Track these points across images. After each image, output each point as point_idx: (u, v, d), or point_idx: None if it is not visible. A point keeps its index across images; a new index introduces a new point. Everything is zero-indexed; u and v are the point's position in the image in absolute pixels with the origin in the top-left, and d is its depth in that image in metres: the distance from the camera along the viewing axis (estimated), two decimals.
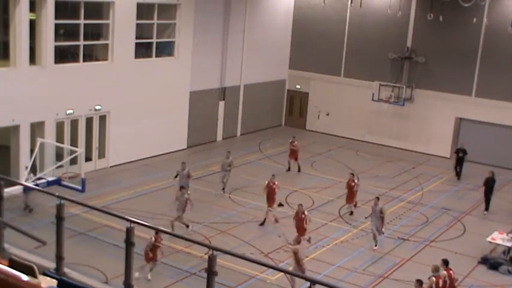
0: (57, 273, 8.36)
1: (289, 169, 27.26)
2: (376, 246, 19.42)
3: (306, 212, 18.99)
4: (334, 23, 33.84)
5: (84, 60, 24.36)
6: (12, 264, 6.64)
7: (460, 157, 27.49)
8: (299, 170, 27.24)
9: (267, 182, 21.17)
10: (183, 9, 28.04)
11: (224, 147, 30.50)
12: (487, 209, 23.56)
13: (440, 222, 22.42)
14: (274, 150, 30.44)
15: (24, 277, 5.91)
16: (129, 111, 26.06)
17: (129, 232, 8.26)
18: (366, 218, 20.54)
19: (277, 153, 29.88)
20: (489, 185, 23.57)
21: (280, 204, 22.06)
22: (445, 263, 15.40)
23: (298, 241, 16.24)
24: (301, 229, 18.52)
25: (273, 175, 21.49)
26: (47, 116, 22.81)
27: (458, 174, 27.64)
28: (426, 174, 28.17)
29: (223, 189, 23.58)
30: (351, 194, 22.32)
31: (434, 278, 14.71)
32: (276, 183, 21.11)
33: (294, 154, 27.22)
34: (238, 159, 28.35)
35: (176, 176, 22.04)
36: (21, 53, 21.60)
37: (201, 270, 16.01)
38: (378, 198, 19.95)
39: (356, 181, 22.35)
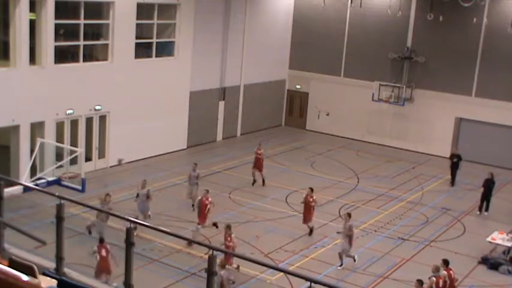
0: (57, 273, 8.36)
1: (254, 182, 24.68)
2: (340, 266, 17.90)
3: (232, 235, 16.69)
4: (334, 23, 33.83)
5: (84, 60, 24.35)
6: (12, 264, 6.64)
7: (454, 162, 26.59)
8: (263, 183, 24.75)
9: (199, 198, 19.21)
10: (183, 9, 28.04)
11: (224, 147, 30.58)
12: (486, 209, 23.43)
13: (440, 222, 22.42)
14: (274, 150, 30.43)
15: (24, 277, 5.92)
16: (129, 111, 26.05)
17: (129, 232, 8.26)
18: (337, 232, 19.08)
19: (277, 153, 29.89)
20: (488, 186, 23.45)
21: (215, 224, 18.79)
22: (445, 263, 15.41)
23: (222, 265, 14.25)
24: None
25: (206, 190, 19.19)
26: (47, 116, 22.80)
27: (453, 180, 26.74)
28: (426, 174, 28.17)
29: (193, 205, 21.07)
30: (308, 212, 20.09)
31: (434, 278, 14.72)
32: (210, 199, 18.94)
33: (258, 164, 24.60)
34: (238, 159, 28.37)
35: (137, 196, 19.53)
36: (21, 53, 21.59)
37: (201, 270, 16.01)
38: (349, 214, 18.32)
39: (314, 197, 20.10)
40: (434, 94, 31.43)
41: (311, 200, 20.00)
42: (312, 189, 20.30)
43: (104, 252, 15.15)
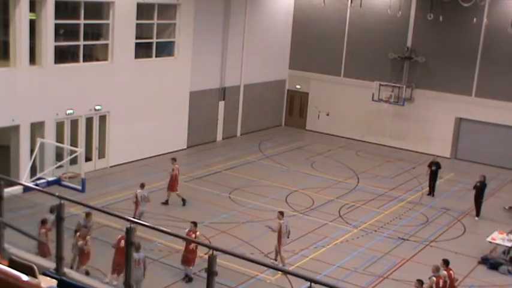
0: (57, 273, 8.35)
1: (184, 202, 21.94)
2: (274, 259, 17.59)
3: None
4: (334, 23, 33.82)
5: (84, 60, 24.35)
6: (12, 264, 6.63)
7: (433, 171, 24.99)
8: (184, 203, 21.79)
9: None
10: (183, 9, 28.03)
11: (224, 147, 30.57)
12: (477, 214, 22.90)
13: (440, 222, 22.43)
14: (274, 150, 30.46)
15: (24, 277, 5.92)
16: (129, 111, 26.05)
17: (129, 232, 8.25)
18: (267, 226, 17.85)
19: (277, 153, 29.91)
20: (480, 190, 22.84)
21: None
22: (445, 263, 15.43)
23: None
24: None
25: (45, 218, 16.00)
26: (47, 116, 22.80)
27: (432, 191, 25.21)
28: (426, 174, 28.09)
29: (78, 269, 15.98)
30: (187, 250, 16.59)
31: (434, 278, 14.74)
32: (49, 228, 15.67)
33: (172, 182, 21.74)
34: (238, 159, 28.38)
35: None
36: (21, 53, 21.59)
37: (201, 270, 16.02)
38: (281, 213, 17.85)
39: (198, 233, 16.70)
40: (434, 94, 31.43)
41: (193, 236, 16.47)
42: (195, 224, 16.78)
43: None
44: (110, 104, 25.20)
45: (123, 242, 15.88)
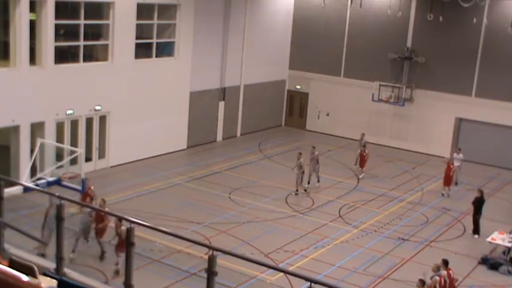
0: (57, 274, 8.36)
1: None
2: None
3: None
4: (334, 23, 33.83)
5: (84, 61, 24.33)
6: (12, 264, 6.64)
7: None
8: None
9: None
10: (183, 10, 28.04)
11: (224, 147, 30.57)
12: (476, 232, 21.00)
13: (440, 222, 22.42)
14: (274, 151, 30.44)
15: (24, 277, 5.92)
16: (129, 111, 26.05)
17: (129, 232, 8.26)
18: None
19: (277, 153, 29.90)
20: (477, 205, 21.06)
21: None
22: (445, 263, 15.43)
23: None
24: None
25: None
26: (47, 116, 22.80)
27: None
28: (426, 174, 28.15)
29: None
30: None
31: (437, 278, 14.75)
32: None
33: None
34: (238, 160, 28.38)
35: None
36: (21, 53, 21.58)
37: (201, 270, 16.01)
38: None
39: None
40: (434, 94, 31.43)
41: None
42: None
43: None
44: (110, 104, 25.20)
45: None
